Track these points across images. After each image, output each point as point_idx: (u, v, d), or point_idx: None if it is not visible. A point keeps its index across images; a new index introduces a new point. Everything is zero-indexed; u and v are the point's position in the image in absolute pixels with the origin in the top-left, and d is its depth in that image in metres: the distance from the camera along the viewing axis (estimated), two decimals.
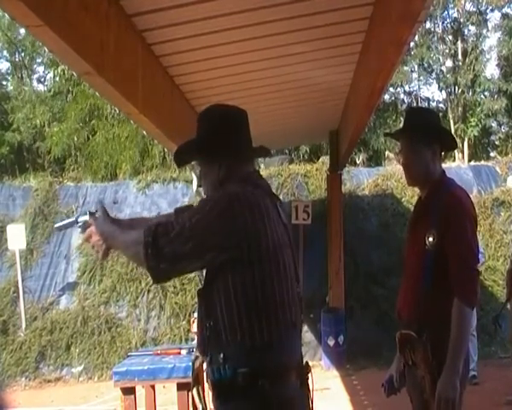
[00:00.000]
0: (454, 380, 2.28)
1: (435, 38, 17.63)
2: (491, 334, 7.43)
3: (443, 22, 17.78)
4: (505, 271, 7.34)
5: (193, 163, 2.24)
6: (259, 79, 4.90)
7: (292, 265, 1.95)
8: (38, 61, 18.90)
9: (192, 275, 7.26)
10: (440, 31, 17.69)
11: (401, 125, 2.80)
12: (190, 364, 3.65)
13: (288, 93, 5.55)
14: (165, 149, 10.58)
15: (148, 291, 8.83)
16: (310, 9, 3.55)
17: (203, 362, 3.54)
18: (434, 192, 2.52)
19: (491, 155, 17.45)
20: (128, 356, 4.50)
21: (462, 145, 16.06)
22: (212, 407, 1.96)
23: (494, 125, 18.66)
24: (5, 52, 19.04)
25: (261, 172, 2.14)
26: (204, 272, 1.93)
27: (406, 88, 18.67)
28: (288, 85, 5.20)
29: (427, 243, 2.41)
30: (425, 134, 2.53)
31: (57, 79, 15.14)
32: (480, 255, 6.90)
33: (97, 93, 5.85)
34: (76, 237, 9.42)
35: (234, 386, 1.81)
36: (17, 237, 8.66)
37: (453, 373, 2.29)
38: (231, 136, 2.00)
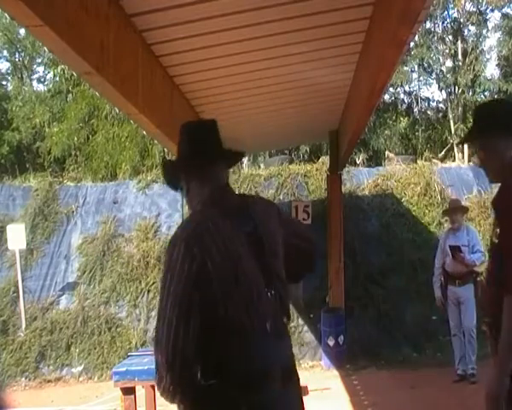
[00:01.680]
0: (501, 377, 2.18)
1: (435, 38, 17.60)
2: None
3: (443, 22, 17.77)
4: None
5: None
6: (259, 79, 4.90)
7: (256, 272, 1.91)
8: (38, 61, 18.90)
9: None
10: (440, 31, 17.67)
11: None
12: None
13: (287, 93, 5.55)
14: (165, 149, 10.56)
15: (148, 291, 8.82)
16: (310, 9, 3.55)
17: None
18: (503, 181, 2.35)
19: None
20: (128, 356, 4.51)
21: (463, 145, 16.05)
22: None
23: None
24: (5, 52, 19.06)
25: (261, 172, 2.13)
26: None
27: (406, 88, 18.64)
28: (288, 85, 5.20)
29: (493, 235, 2.31)
30: (492, 129, 2.37)
31: (57, 79, 15.14)
32: (480, 255, 6.82)
33: (97, 93, 5.86)
34: (76, 236, 9.43)
35: (204, 397, 1.82)
36: (17, 237, 8.65)
37: (500, 370, 2.19)
38: (186, 154, 2.05)
